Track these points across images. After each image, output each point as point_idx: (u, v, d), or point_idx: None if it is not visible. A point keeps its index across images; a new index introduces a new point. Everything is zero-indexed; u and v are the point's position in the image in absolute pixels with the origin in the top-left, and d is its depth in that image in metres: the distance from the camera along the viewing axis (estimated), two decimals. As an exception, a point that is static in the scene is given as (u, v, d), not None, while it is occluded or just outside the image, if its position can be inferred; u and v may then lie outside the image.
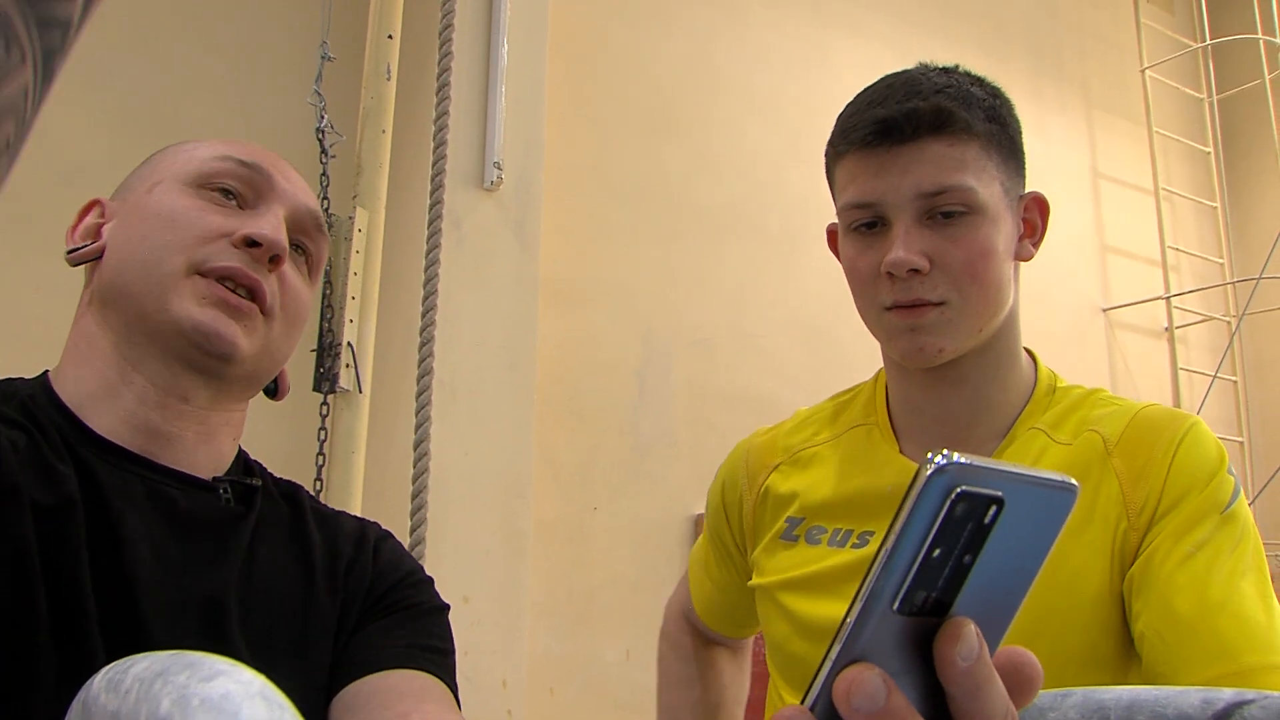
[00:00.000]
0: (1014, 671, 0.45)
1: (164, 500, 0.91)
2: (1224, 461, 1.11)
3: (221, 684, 0.36)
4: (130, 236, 0.95)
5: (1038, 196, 1.23)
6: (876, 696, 0.42)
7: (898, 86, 1.14)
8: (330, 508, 1.08)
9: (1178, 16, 5.14)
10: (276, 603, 0.94)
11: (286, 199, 0.99)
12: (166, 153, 1.02)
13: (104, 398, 0.93)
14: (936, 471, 0.41)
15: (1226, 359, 4.57)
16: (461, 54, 2.56)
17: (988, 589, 0.44)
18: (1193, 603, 1.02)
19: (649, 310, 3.13)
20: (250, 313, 0.94)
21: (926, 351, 1.13)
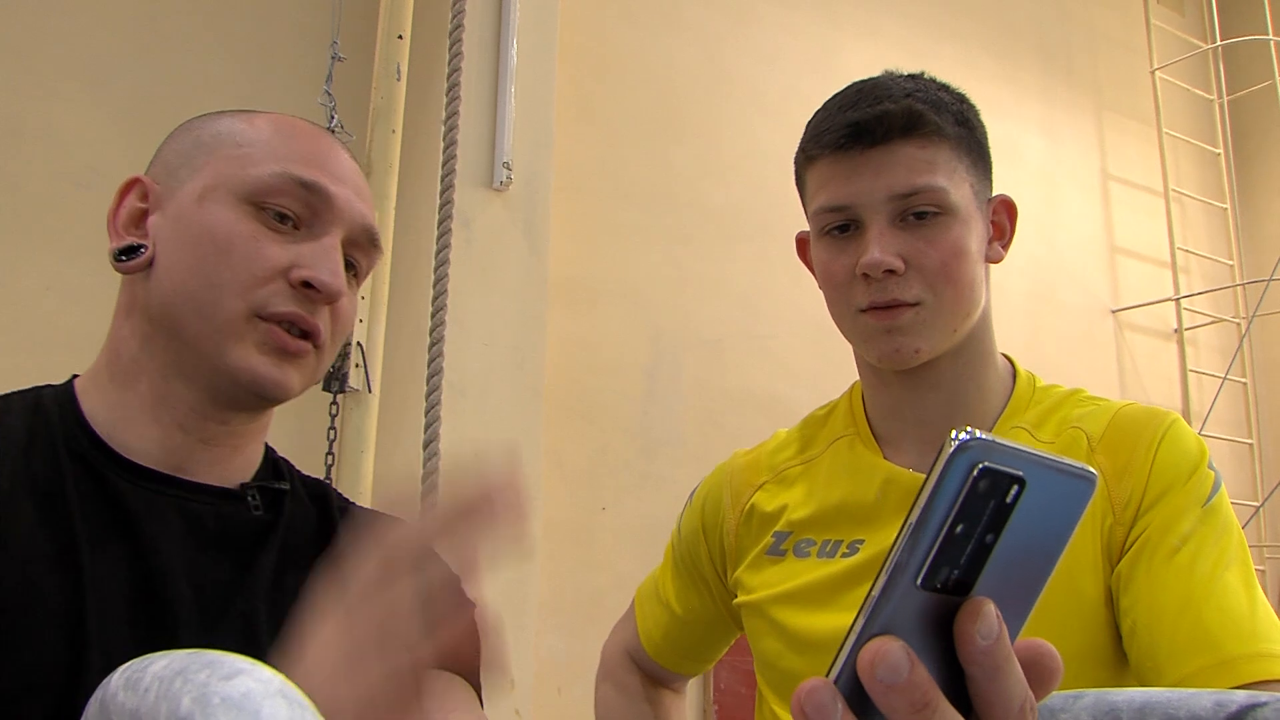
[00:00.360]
0: (1034, 662, 0.45)
1: (194, 519, 0.91)
2: (1204, 456, 1.12)
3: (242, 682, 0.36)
4: (183, 260, 0.91)
5: (1005, 199, 1.24)
6: (900, 668, 0.42)
7: (867, 91, 1.15)
8: (358, 506, 1.08)
9: (1188, 17, 5.13)
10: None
11: (344, 220, 0.96)
12: (219, 143, 0.96)
13: (139, 421, 0.92)
14: (960, 447, 0.42)
15: (1236, 361, 4.56)
16: (471, 54, 2.56)
17: (1009, 572, 0.44)
18: (1177, 596, 1.03)
19: (658, 311, 3.13)
20: (305, 353, 0.93)
21: (903, 352, 1.13)
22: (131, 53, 2.48)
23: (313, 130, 0.99)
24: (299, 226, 0.94)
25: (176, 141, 0.99)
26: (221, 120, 0.98)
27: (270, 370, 0.91)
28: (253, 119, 0.98)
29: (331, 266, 0.93)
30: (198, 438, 0.93)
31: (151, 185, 0.96)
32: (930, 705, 0.42)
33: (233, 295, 0.89)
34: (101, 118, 2.42)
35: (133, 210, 0.96)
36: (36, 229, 2.32)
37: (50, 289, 2.30)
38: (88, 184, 2.37)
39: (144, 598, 0.86)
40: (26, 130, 2.34)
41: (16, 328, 2.25)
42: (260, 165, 0.93)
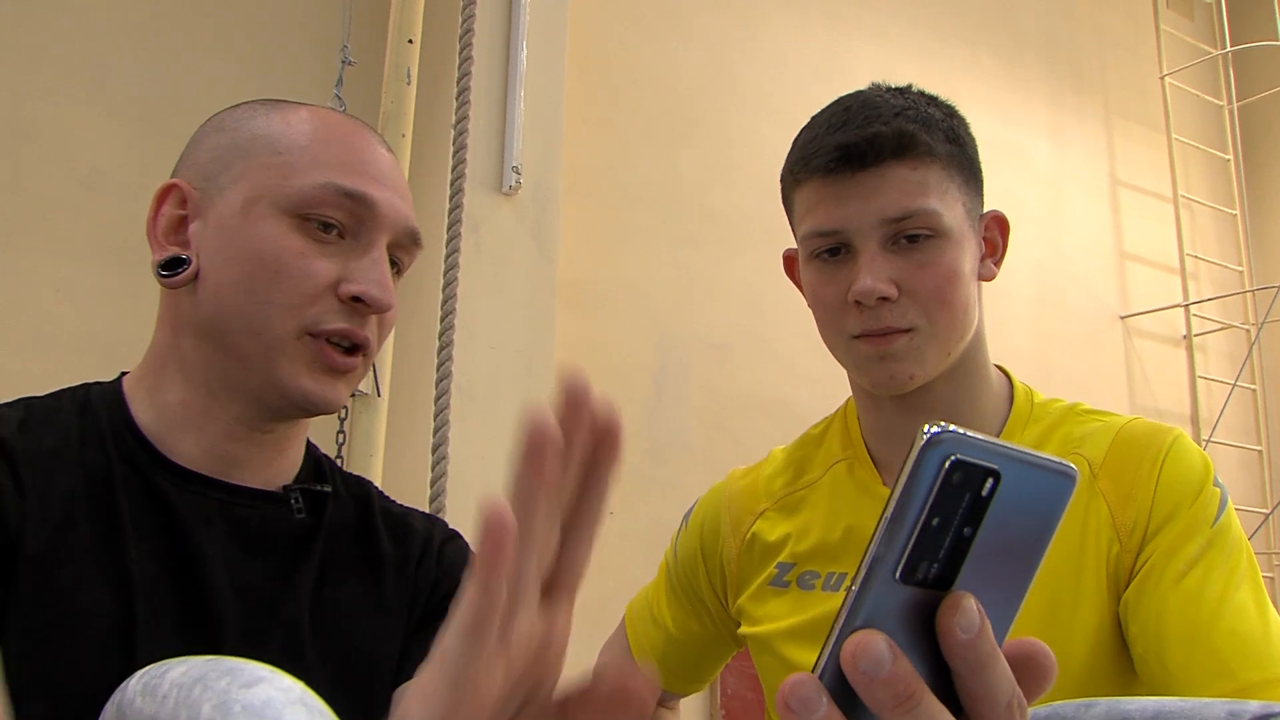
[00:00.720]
0: (1025, 660, 0.46)
1: (239, 523, 0.93)
2: (1209, 474, 1.10)
3: (263, 690, 0.36)
4: (231, 277, 0.91)
5: (997, 215, 1.22)
6: (882, 660, 0.42)
7: (855, 110, 1.12)
8: (399, 505, 1.08)
9: (1198, 23, 5.12)
10: (349, 623, 0.95)
11: (388, 226, 0.95)
12: (257, 148, 0.95)
13: (186, 428, 0.93)
14: (931, 441, 0.42)
15: (1245, 367, 4.54)
16: (481, 59, 2.56)
17: (991, 567, 0.44)
18: (1188, 623, 1.01)
19: (666, 315, 3.13)
20: (354, 367, 0.94)
21: (898, 379, 1.12)
22: (139, 55, 2.49)
23: (350, 128, 0.98)
24: (344, 235, 0.94)
25: (209, 142, 0.98)
26: (256, 119, 0.97)
27: (321, 389, 0.92)
28: (288, 117, 0.97)
29: (380, 280, 0.93)
30: (243, 444, 0.94)
31: (189, 191, 0.95)
32: (914, 697, 0.42)
33: (283, 314, 0.90)
34: (108, 120, 2.43)
35: (172, 218, 0.96)
36: (42, 230, 2.32)
37: (57, 290, 2.31)
38: (94, 185, 2.38)
39: (190, 607, 0.87)
40: (33, 131, 2.34)
41: (22, 328, 2.26)
42: (303, 175, 0.92)
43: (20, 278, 2.28)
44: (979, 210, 1.19)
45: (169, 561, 0.88)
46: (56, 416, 0.92)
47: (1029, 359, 3.87)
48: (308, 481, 1.01)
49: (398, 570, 1.00)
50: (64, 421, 0.91)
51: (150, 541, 0.88)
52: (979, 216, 1.19)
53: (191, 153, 0.99)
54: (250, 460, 0.95)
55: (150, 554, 0.87)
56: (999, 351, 1.25)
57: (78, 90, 2.40)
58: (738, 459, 1.41)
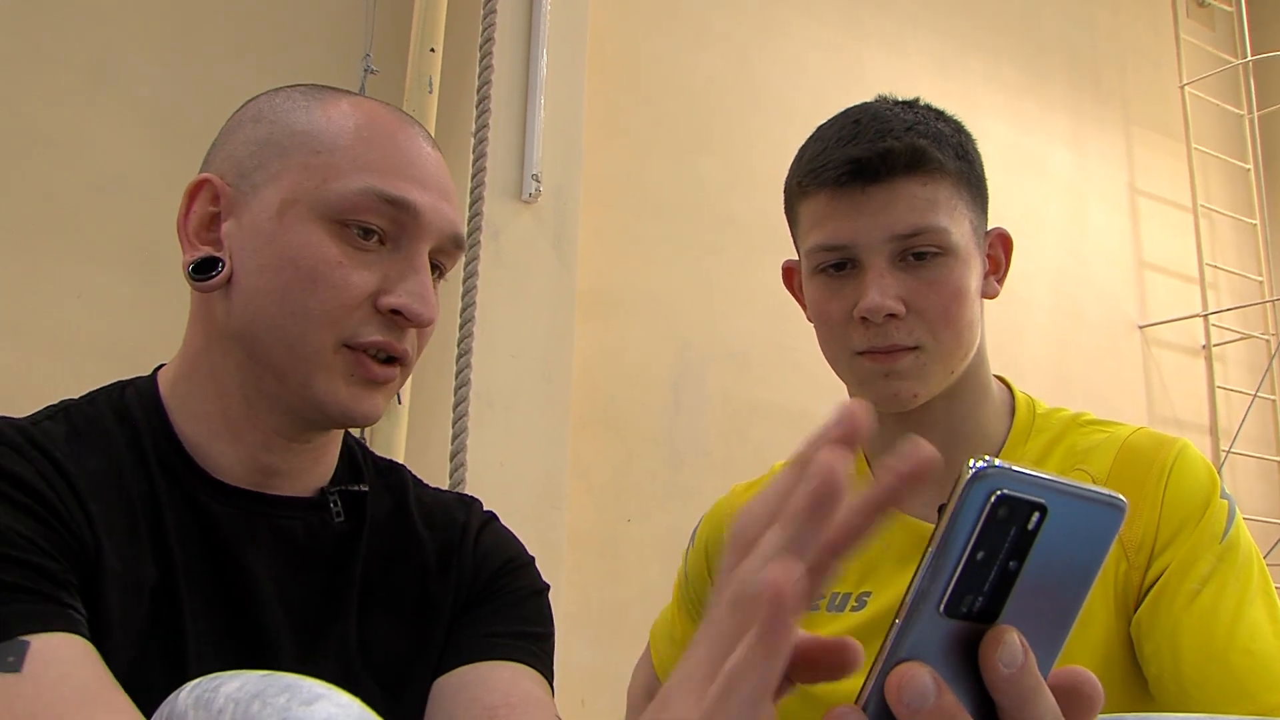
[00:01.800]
0: (1071, 690, 0.45)
1: (284, 536, 0.91)
2: (1216, 485, 1.08)
3: (323, 708, 0.36)
4: (265, 285, 0.88)
5: (1002, 233, 1.21)
6: (927, 693, 0.42)
7: (866, 124, 1.11)
8: (431, 491, 1.07)
9: (1218, 32, 5.10)
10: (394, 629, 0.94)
11: (431, 233, 0.92)
12: (295, 145, 0.90)
13: (225, 438, 0.91)
14: (976, 475, 0.42)
15: (1266, 378, 4.52)
16: (501, 67, 2.57)
17: (1036, 600, 0.44)
18: (1202, 644, 1.00)
19: (685, 323, 3.14)
20: (392, 378, 0.91)
21: (901, 397, 1.11)
22: (162, 62, 2.51)
23: (395, 124, 0.94)
24: (384, 242, 0.90)
25: (245, 134, 0.94)
26: (296, 111, 0.93)
27: (359, 402, 0.89)
28: (329, 110, 0.93)
29: (421, 292, 0.90)
30: (281, 455, 0.92)
31: (222, 187, 0.92)
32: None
33: (320, 326, 0.87)
34: (132, 126, 2.44)
35: (204, 216, 0.92)
36: (66, 235, 2.34)
37: (79, 295, 2.32)
38: (116, 191, 2.39)
39: (241, 629, 0.86)
40: (55, 137, 2.36)
41: (45, 333, 2.27)
42: (343, 178, 0.88)
43: (43, 283, 2.30)
44: (984, 227, 1.18)
45: (218, 582, 0.87)
46: (98, 427, 0.89)
47: (1047, 368, 3.86)
48: (344, 481, 0.99)
49: (438, 562, 0.99)
50: (107, 434, 0.89)
51: (198, 561, 0.87)
52: (984, 234, 1.18)
53: (226, 144, 0.95)
54: (289, 469, 0.93)
55: (198, 575, 0.86)
56: (1017, 360, 1.25)
57: (100, 96, 2.42)
58: (756, 467, 1.41)
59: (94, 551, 0.80)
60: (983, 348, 1.18)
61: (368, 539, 0.96)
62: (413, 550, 0.99)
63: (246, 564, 0.88)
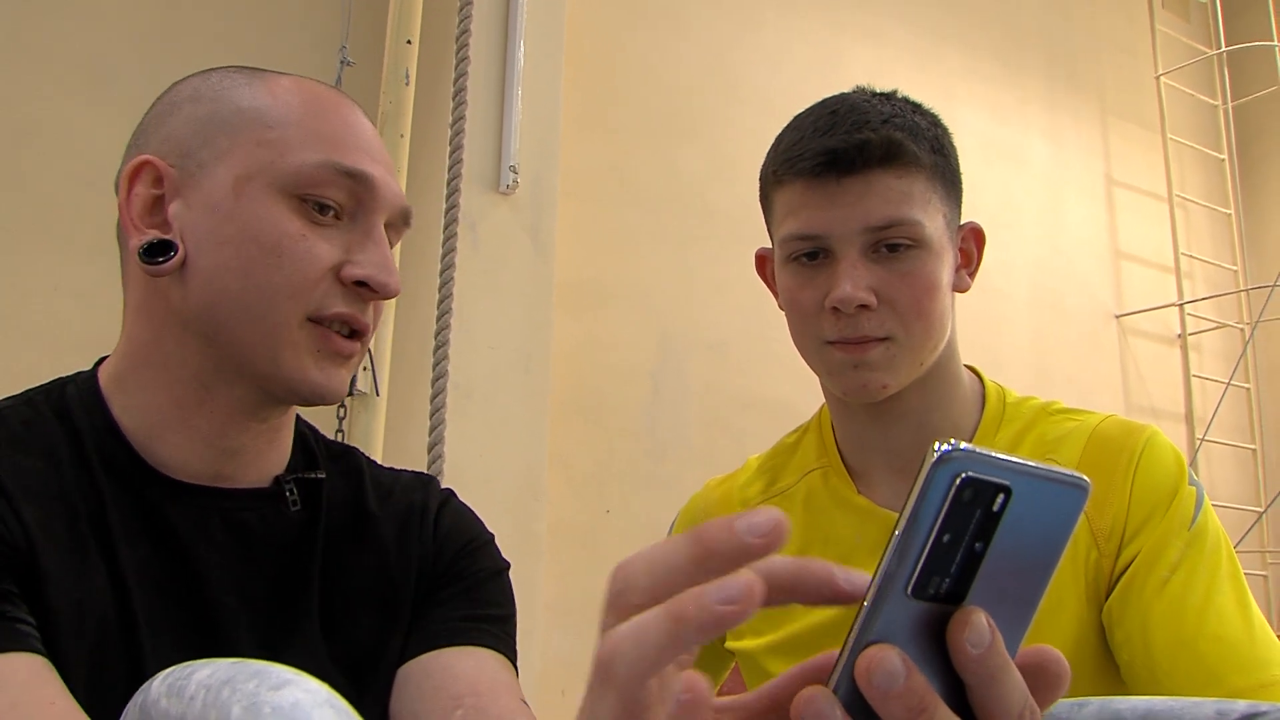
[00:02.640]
0: (1039, 669, 0.46)
1: (238, 529, 0.89)
2: (1184, 473, 1.10)
3: (290, 692, 0.37)
4: (226, 262, 0.86)
5: (975, 227, 1.21)
6: (896, 675, 0.43)
7: (843, 115, 1.11)
8: (388, 471, 1.05)
9: (1193, 23, 5.13)
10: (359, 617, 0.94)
11: (386, 205, 0.92)
12: (244, 123, 0.89)
13: (175, 425, 0.88)
14: (941, 459, 0.43)
15: (1240, 366, 4.56)
16: (478, 59, 2.57)
17: (1002, 581, 0.45)
18: (1172, 631, 1.01)
19: (664, 313, 3.14)
20: (355, 352, 0.91)
21: (870, 388, 1.11)
22: (140, 54, 2.49)
23: (336, 99, 0.93)
24: (340, 216, 0.89)
25: (184, 114, 0.91)
26: (239, 88, 0.91)
27: (326, 378, 0.88)
28: (272, 87, 0.91)
29: (384, 262, 0.89)
30: (236, 437, 0.90)
31: (165, 169, 0.89)
32: (928, 711, 0.43)
33: (285, 299, 0.85)
34: (112, 118, 2.43)
35: (146, 198, 0.89)
36: (46, 229, 2.32)
37: (59, 288, 2.31)
38: (95, 184, 2.37)
39: (199, 626, 0.85)
40: (34, 130, 2.35)
41: (26, 327, 2.26)
42: (299, 152, 0.87)
43: (22, 276, 2.29)
44: (957, 221, 1.18)
45: (171, 583, 0.85)
46: (35, 429, 0.86)
47: (1025, 358, 3.88)
48: (299, 469, 0.97)
49: (397, 545, 0.98)
50: (45, 434, 0.86)
51: (150, 563, 0.84)
52: (957, 228, 1.18)
53: (162, 125, 0.92)
54: (243, 452, 0.91)
55: (150, 576, 0.84)
56: (995, 350, 1.26)
57: (79, 89, 2.41)
58: (737, 458, 1.42)
59: (28, 557, 0.77)
60: (953, 339, 1.18)
61: (325, 527, 0.95)
62: (371, 535, 0.98)
63: (200, 560, 0.86)
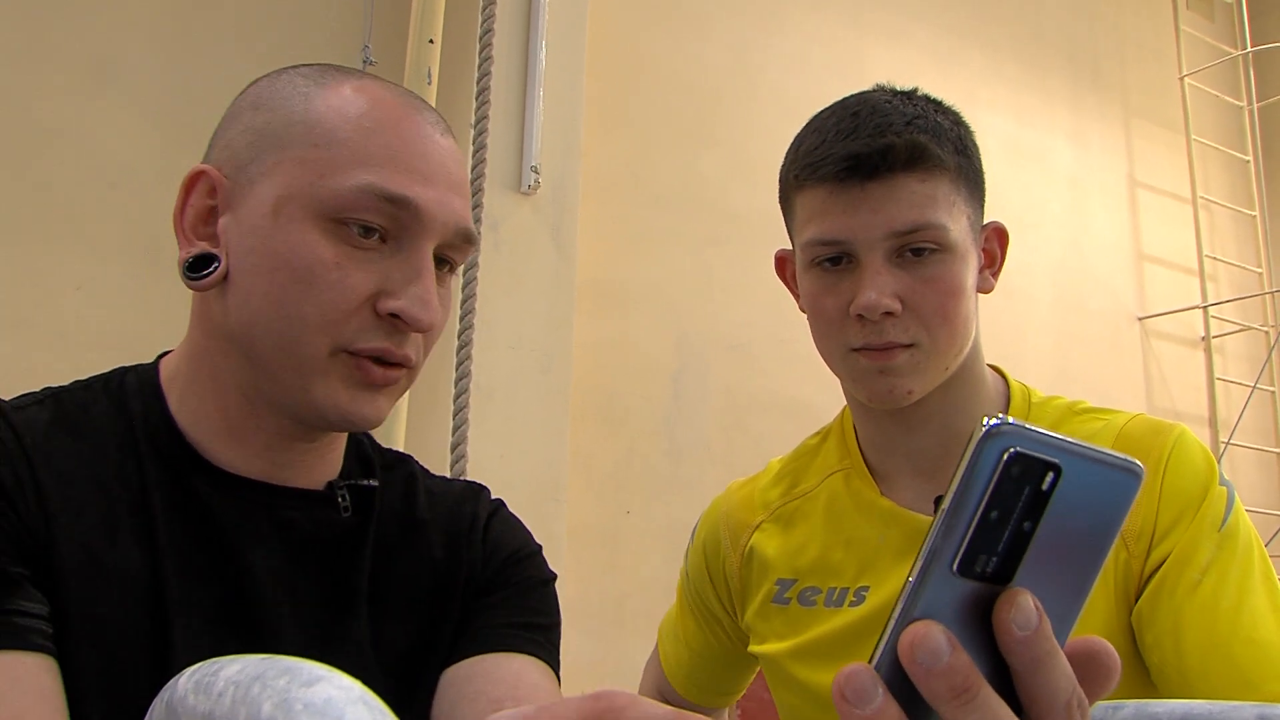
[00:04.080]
0: (1088, 659, 0.45)
1: (286, 528, 0.88)
2: (1214, 473, 1.08)
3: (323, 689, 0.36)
4: (260, 286, 0.83)
5: (998, 227, 1.19)
6: (940, 652, 0.42)
7: (865, 117, 1.09)
8: (439, 479, 1.04)
9: (1218, 24, 5.10)
10: (404, 622, 0.93)
11: (435, 230, 0.86)
12: (293, 137, 0.85)
13: (229, 437, 0.87)
14: (990, 432, 0.42)
15: (1265, 369, 4.53)
16: (501, 59, 2.57)
17: (1051, 563, 0.44)
18: (1204, 635, 1.00)
19: (685, 315, 3.14)
20: (395, 380, 0.87)
21: (896, 394, 1.10)
22: (162, 54, 2.50)
23: (400, 111, 0.88)
24: (385, 240, 0.85)
25: (243, 123, 0.89)
26: (294, 99, 0.88)
27: (359, 406, 0.84)
28: (329, 96, 0.87)
29: (424, 296, 0.84)
30: (286, 453, 0.89)
31: (219, 180, 0.87)
32: (971, 690, 0.42)
33: (315, 331, 0.82)
34: (133, 119, 2.44)
35: (200, 209, 0.87)
36: (68, 228, 2.34)
37: (80, 288, 2.32)
38: (118, 184, 2.39)
39: (239, 622, 0.84)
40: (57, 131, 2.36)
41: (47, 326, 2.27)
42: (341, 175, 0.83)
43: (45, 276, 2.30)
44: (980, 222, 1.17)
45: (210, 569, 0.83)
46: (88, 414, 0.86)
47: (1047, 360, 3.86)
48: (352, 476, 0.96)
49: (446, 553, 0.97)
50: (96, 420, 0.85)
51: (191, 554, 0.83)
52: (980, 228, 1.17)
53: (225, 133, 0.91)
54: (293, 464, 0.90)
55: (190, 567, 0.83)
56: (1017, 351, 1.25)
57: (101, 89, 2.42)
58: (757, 459, 1.41)
59: (46, 537, 0.77)
60: (977, 341, 1.17)
61: (375, 533, 0.94)
62: (421, 542, 0.96)
63: (244, 555, 0.85)
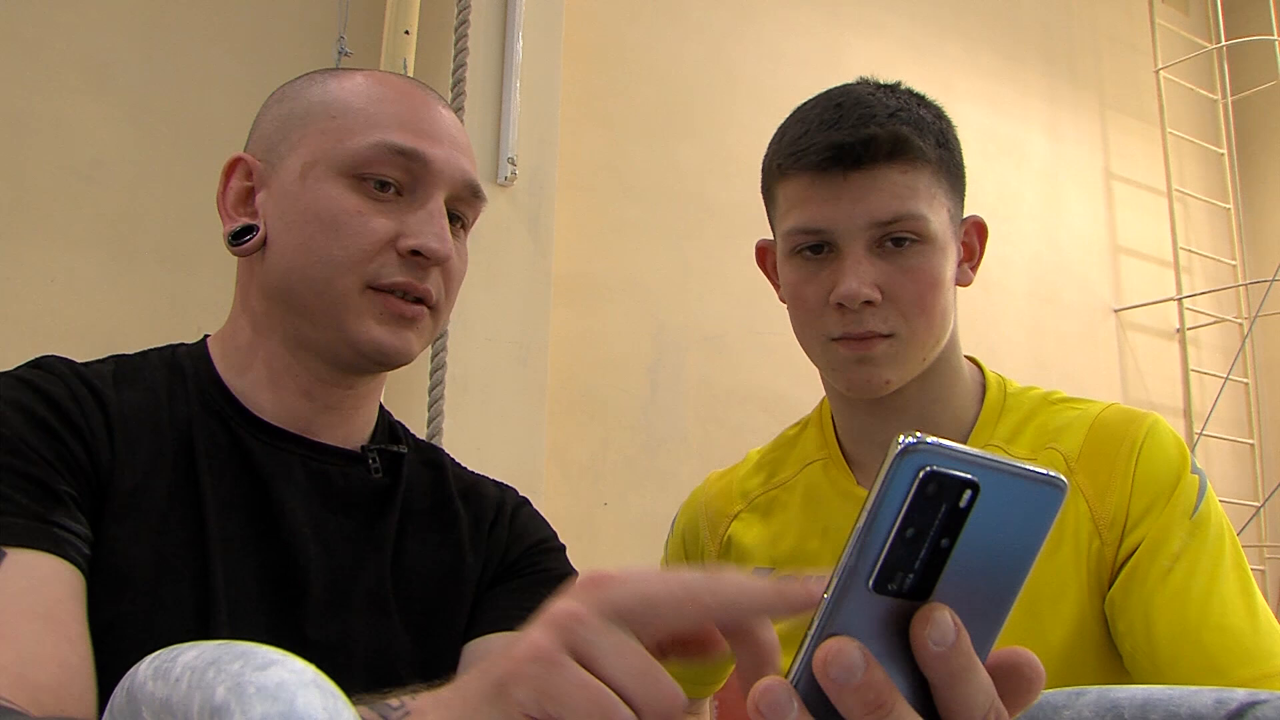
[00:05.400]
0: (1011, 671, 0.45)
1: (320, 479, 0.95)
2: (1186, 461, 1.09)
3: (275, 673, 0.37)
4: (293, 239, 0.94)
5: (977, 221, 1.21)
6: (854, 668, 0.42)
7: (849, 108, 1.11)
8: (470, 472, 1.11)
9: (1193, 17, 5.13)
10: (428, 582, 0.98)
11: (444, 180, 0.97)
12: (313, 115, 0.97)
13: (268, 386, 0.96)
14: (904, 451, 0.42)
15: (1238, 361, 4.56)
16: (477, 50, 2.56)
17: (971, 579, 0.43)
18: (1175, 622, 1.01)
19: (661, 307, 3.14)
20: (421, 316, 0.96)
21: (874, 384, 1.11)
22: (137, 46, 2.49)
23: (406, 87, 1.00)
24: (401, 193, 0.95)
25: (270, 114, 1.01)
26: (313, 87, 0.99)
27: (390, 338, 0.94)
28: (343, 82, 0.99)
29: (437, 231, 0.94)
30: (322, 403, 0.97)
31: (254, 163, 0.98)
32: (885, 706, 0.42)
33: (344, 271, 0.92)
34: (107, 110, 2.43)
35: (239, 190, 0.98)
36: (41, 221, 2.32)
37: (54, 281, 2.31)
38: (92, 177, 2.37)
39: (273, 560, 0.89)
40: (32, 123, 2.34)
41: (21, 319, 2.26)
42: (356, 136, 0.94)
43: (19, 269, 2.28)
44: (961, 215, 1.18)
45: (250, 516, 0.90)
46: (143, 373, 0.95)
47: (1023, 352, 3.88)
48: (383, 442, 1.03)
49: (471, 533, 1.03)
50: (151, 377, 0.94)
51: (232, 497, 0.90)
52: (960, 222, 1.18)
53: (257, 126, 1.02)
54: (329, 419, 0.98)
55: (230, 508, 0.89)
56: (993, 344, 1.26)
57: (76, 82, 2.40)
58: (733, 452, 1.41)
59: (109, 469, 0.85)
60: (955, 333, 1.18)
61: (403, 498, 1.00)
62: (447, 517, 1.03)
63: (279, 500, 0.91)
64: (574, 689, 0.44)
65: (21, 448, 0.80)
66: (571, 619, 0.46)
